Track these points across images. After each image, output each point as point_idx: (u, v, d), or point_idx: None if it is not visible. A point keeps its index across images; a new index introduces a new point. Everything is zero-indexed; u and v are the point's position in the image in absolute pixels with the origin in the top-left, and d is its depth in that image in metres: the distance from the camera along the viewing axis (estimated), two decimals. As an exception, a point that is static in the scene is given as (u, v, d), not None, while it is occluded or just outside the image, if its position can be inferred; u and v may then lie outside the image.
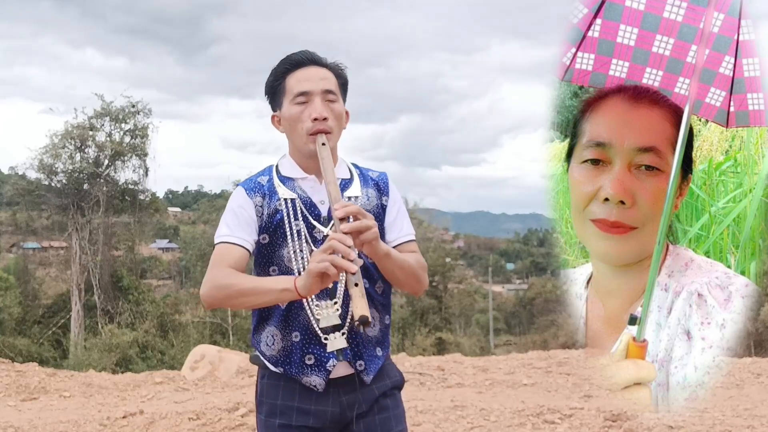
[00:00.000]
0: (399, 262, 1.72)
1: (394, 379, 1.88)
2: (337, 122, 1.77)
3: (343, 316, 1.72)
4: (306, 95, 1.74)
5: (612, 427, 4.34)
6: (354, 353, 1.76)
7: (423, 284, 1.82)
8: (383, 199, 1.86)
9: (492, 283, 45.64)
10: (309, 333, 1.75)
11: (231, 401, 5.06)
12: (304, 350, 1.75)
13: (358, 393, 1.78)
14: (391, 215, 1.85)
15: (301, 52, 1.79)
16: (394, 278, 1.76)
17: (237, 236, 1.73)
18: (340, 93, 1.80)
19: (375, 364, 1.81)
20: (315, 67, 1.77)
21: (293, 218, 1.75)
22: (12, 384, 5.88)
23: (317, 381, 1.75)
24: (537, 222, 58.19)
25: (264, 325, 1.80)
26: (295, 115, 1.74)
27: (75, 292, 22.81)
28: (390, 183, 1.89)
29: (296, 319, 1.75)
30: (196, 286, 26.71)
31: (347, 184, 1.82)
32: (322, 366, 1.74)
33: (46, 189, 23.49)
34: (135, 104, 23.89)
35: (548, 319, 28.14)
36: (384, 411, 1.81)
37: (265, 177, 1.83)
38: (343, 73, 1.83)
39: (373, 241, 1.60)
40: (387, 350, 1.87)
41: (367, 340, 1.79)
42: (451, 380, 6.03)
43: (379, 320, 1.82)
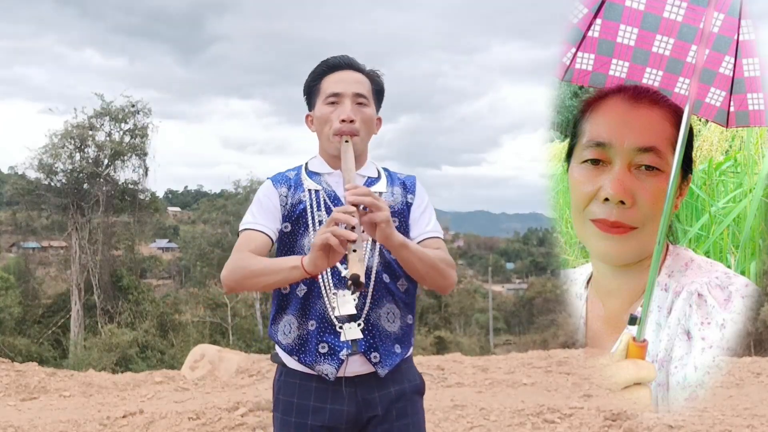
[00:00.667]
0: (418, 254, 1.69)
1: (414, 383, 1.86)
2: (365, 126, 1.81)
3: (359, 306, 1.74)
4: (337, 96, 1.78)
5: (612, 426, 4.35)
6: (369, 345, 1.76)
7: (449, 280, 1.78)
8: (408, 197, 1.88)
9: (492, 283, 45.67)
10: (325, 321, 1.76)
11: (231, 401, 5.06)
12: (319, 338, 1.76)
13: (375, 390, 1.77)
14: (416, 213, 1.86)
15: (339, 56, 1.84)
16: (415, 271, 1.72)
17: (260, 224, 1.78)
18: (373, 99, 1.84)
19: (391, 359, 1.79)
20: (351, 71, 1.82)
21: (316, 209, 1.80)
22: (12, 384, 5.88)
23: (329, 370, 1.74)
24: (537, 222, 58.20)
25: (282, 314, 1.82)
26: (325, 115, 1.79)
27: (75, 292, 22.80)
28: (417, 184, 1.92)
29: (313, 307, 1.77)
30: (195, 286, 26.77)
31: (374, 182, 1.85)
32: (335, 355, 1.75)
33: (45, 189, 23.48)
34: (135, 104, 23.89)
35: (548, 318, 28.16)
36: (403, 417, 1.80)
37: (293, 171, 1.89)
38: (379, 81, 1.87)
39: (384, 225, 1.57)
40: (407, 350, 1.85)
41: (384, 335, 1.78)
42: (450, 380, 6.03)
43: (400, 317, 1.81)
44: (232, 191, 27.75)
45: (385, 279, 1.79)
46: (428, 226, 1.85)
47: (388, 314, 1.79)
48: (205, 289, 24.26)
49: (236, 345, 19.88)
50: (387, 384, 1.79)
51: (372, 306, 1.77)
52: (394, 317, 1.80)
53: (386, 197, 1.82)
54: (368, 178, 1.85)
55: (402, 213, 1.84)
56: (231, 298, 22.75)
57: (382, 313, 1.78)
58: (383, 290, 1.79)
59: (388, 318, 1.79)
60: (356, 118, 1.77)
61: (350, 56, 1.84)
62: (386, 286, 1.79)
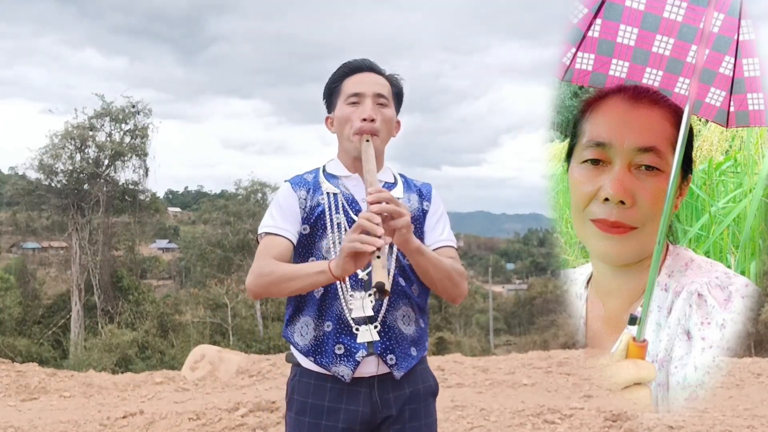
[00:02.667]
0: (433, 261, 1.70)
1: (427, 385, 1.86)
2: (385, 126, 1.81)
3: (376, 308, 1.74)
4: (358, 96, 1.79)
5: (612, 427, 4.34)
6: (385, 347, 1.76)
7: (460, 290, 1.78)
8: (424, 204, 1.88)
9: (492, 283, 45.67)
10: (341, 323, 1.77)
11: (231, 401, 5.06)
12: (336, 340, 1.76)
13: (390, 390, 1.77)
14: (431, 221, 1.87)
15: (360, 59, 1.85)
16: (428, 278, 1.73)
17: (280, 227, 1.79)
18: (393, 100, 1.84)
19: (407, 362, 1.80)
20: (372, 73, 1.83)
21: (334, 211, 1.81)
22: (12, 384, 5.88)
23: (345, 371, 1.75)
24: (537, 222, 58.20)
25: (299, 315, 1.83)
26: (346, 114, 1.80)
27: (75, 292, 22.80)
28: (433, 192, 1.93)
29: (330, 308, 1.78)
30: (196, 286, 26.73)
31: (390, 187, 1.85)
32: (351, 356, 1.75)
33: (46, 189, 23.48)
34: (135, 104, 23.90)
35: (548, 319, 28.15)
36: (416, 419, 1.80)
37: (311, 174, 1.89)
38: (399, 84, 1.88)
39: (404, 230, 1.59)
40: (423, 353, 1.85)
41: (401, 337, 1.79)
42: (451, 380, 6.03)
43: (415, 321, 1.82)
44: (233, 191, 27.74)
45: (401, 282, 1.80)
46: (443, 234, 1.86)
47: (404, 317, 1.80)
48: (205, 290, 24.23)
49: (236, 346, 19.85)
50: (402, 385, 1.80)
51: (389, 308, 1.78)
52: (409, 320, 1.81)
53: (403, 203, 1.80)
54: (385, 183, 1.85)
55: (418, 220, 1.84)
56: (231, 299, 22.75)
57: (399, 315, 1.79)
58: (399, 293, 1.79)
59: (404, 320, 1.80)
60: (377, 118, 1.78)
61: (371, 59, 1.85)
62: (402, 290, 1.80)
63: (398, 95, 1.87)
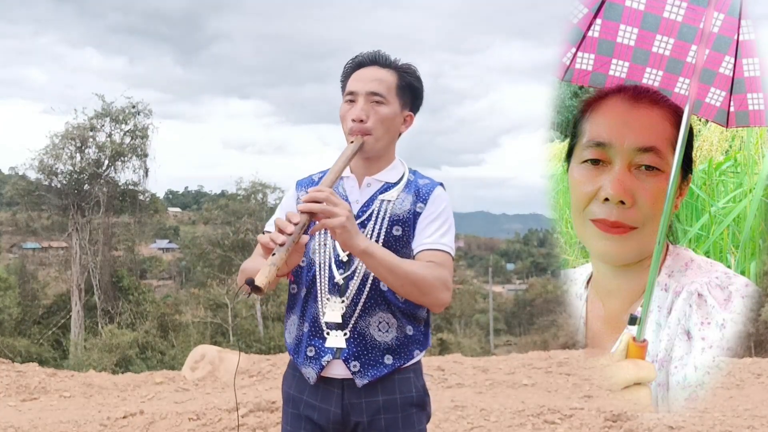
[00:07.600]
0: (387, 264, 1.59)
1: (406, 395, 1.77)
2: (381, 125, 1.74)
3: (348, 314, 1.73)
4: (353, 95, 1.77)
5: (612, 427, 4.34)
6: (350, 354, 1.73)
7: (431, 298, 1.66)
8: (417, 206, 1.78)
9: (492, 284, 45.63)
10: (316, 325, 1.77)
11: (231, 401, 5.06)
12: (308, 342, 1.77)
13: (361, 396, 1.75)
14: (422, 223, 1.76)
15: (368, 52, 1.81)
16: (387, 283, 1.65)
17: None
18: (395, 95, 1.77)
19: (376, 370, 1.74)
20: (375, 67, 1.78)
21: None
22: (12, 384, 5.88)
23: (311, 373, 1.77)
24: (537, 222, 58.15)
25: (290, 313, 1.85)
26: (342, 114, 1.79)
27: (75, 293, 22.79)
28: (435, 193, 1.80)
29: (309, 310, 1.78)
30: (196, 287, 26.73)
31: (388, 188, 1.80)
32: (318, 360, 1.75)
33: (46, 189, 23.48)
34: (135, 105, 23.89)
35: (548, 319, 28.14)
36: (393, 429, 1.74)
37: (319, 174, 1.90)
38: (407, 76, 1.80)
39: (339, 231, 1.54)
40: (403, 362, 1.76)
41: (372, 345, 1.73)
42: (451, 380, 6.03)
43: (396, 327, 1.75)
44: (234, 191, 27.72)
45: (383, 287, 1.72)
46: (429, 237, 1.74)
47: (380, 323, 1.74)
48: (205, 290, 24.22)
49: (237, 345, 19.86)
50: (374, 392, 1.75)
51: (362, 314, 1.73)
52: (387, 327, 1.74)
53: (393, 204, 1.77)
54: (384, 184, 1.80)
55: (406, 221, 1.76)
56: (232, 299, 22.74)
57: (373, 322, 1.74)
58: (378, 298, 1.73)
59: (379, 327, 1.74)
60: (366, 118, 1.73)
61: (382, 52, 1.79)
62: (382, 295, 1.73)
63: (409, 87, 1.80)
